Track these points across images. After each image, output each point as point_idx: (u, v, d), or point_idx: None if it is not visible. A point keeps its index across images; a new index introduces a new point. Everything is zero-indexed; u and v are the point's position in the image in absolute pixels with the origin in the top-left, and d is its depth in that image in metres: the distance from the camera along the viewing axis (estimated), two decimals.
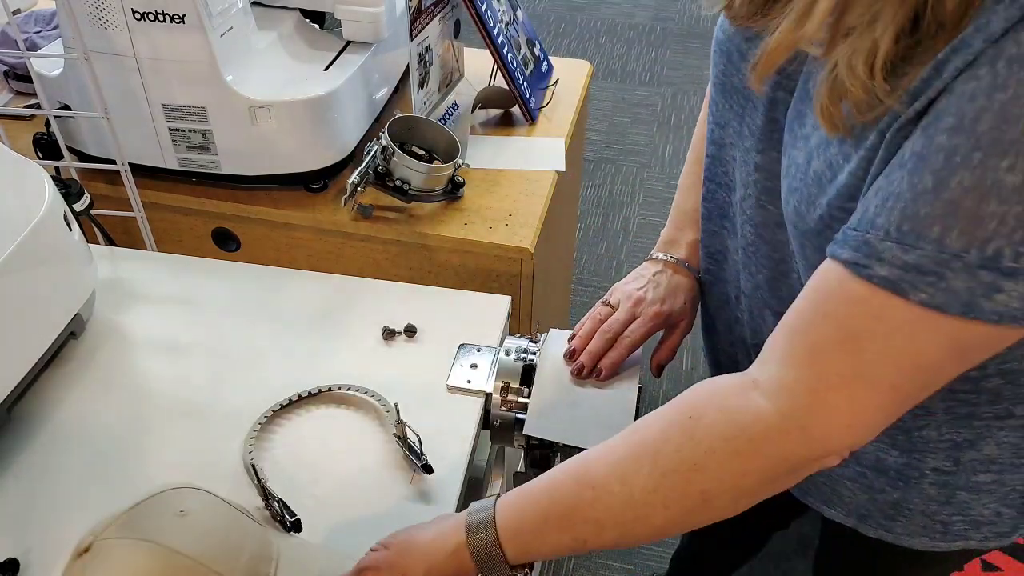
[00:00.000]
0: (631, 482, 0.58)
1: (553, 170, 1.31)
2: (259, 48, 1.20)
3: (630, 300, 0.85)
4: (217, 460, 0.78)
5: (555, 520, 0.61)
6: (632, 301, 0.85)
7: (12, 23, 1.06)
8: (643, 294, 0.85)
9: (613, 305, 0.86)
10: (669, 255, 0.89)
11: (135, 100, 1.15)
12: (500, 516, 0.62)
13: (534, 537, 0.62)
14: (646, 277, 0.87)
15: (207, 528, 0.64)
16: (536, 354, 0.85)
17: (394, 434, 0.79)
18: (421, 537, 0.65)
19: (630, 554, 1.71)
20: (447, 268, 1.23)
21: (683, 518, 0.59)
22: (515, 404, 0.83)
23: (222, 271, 1.01)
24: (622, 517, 0.59)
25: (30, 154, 1.23)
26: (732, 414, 0.57)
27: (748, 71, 0.63)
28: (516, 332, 0.92)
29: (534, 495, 0.63)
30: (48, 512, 0.74)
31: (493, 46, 1.32)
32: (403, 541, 0.66)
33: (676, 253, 0.89)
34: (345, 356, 0.89)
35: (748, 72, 0.63)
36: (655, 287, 0.86)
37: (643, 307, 0.85)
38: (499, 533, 0.62)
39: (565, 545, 0.62)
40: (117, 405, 0.84)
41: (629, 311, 0.85)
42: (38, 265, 0.79)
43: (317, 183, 1.25)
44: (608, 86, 3.13)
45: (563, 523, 0.61)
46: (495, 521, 0.62)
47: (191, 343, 0.91)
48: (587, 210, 2.57)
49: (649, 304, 0.85)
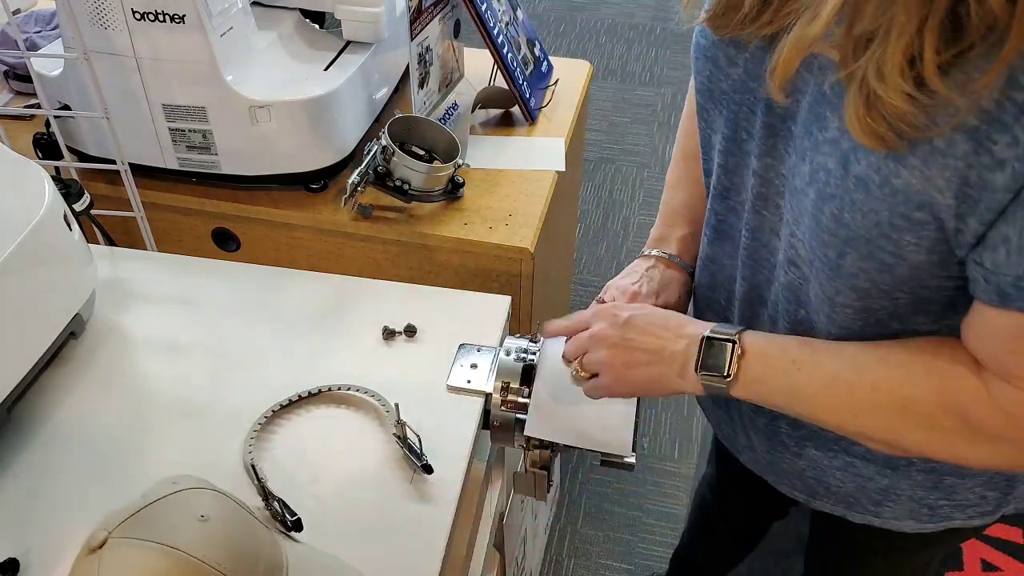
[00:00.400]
0: (858, 353, 0.66)
1: (553, 170, 1.32)
2: (259, 48, 1.20)
3: (625, 295, 0.84)
4: (217, 460, 0.78)
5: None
6: (627, 296, 0.84)
7: (12, 23, 1.06)
8: (638, 288, 0.85)
9: (608, 302, 0.85)
10: (660, 251, 0.89)
11: (135, 100, 1.15)
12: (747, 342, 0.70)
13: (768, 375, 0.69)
14: (639, 273, 0.87)
15: (227, 535, 0.63)
16: (536, 354, 0.85)
17: (394, 434, 0.79)
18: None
19: (630, 554, 1.71)
20: (447, 268, 1.23)
21: (878, 409, 0.65)
22: (515, 404, 0.83)
23: (222, 271, 1.01)
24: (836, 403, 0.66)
25: (30, 154, 1.23)
26: (959, 367, 0.61)
27: (767, 78, 0.63)
28: (516, 332, 0.92)
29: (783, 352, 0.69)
30: (48, 512, 0.74)
31: (493, 46, 1.32)
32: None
33: (667, 249, 0.89)
34: (345, 356, 0.89)
35: (768, 80, 0.63)
36: (648, 281, 0.86)
37: (639, 301, 0.84)
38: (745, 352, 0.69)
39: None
40: (117, 405, 0.84)
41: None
42: (38, 265, 0.79)
43: (317, 183, 1.25)
44: (608, 86, 3.13)
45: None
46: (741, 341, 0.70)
47: (191, 343, 0.91)
48: (587, 210, 2.57)
49: (644, 298, 0.84)
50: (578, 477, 1.85)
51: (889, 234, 0.58)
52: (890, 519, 0.81)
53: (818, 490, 0.84)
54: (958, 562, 1.69)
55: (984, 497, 0.78)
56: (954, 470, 0.75)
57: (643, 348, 0.74)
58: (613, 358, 0.75)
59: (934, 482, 0.77)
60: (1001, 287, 0.54)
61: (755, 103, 0.68)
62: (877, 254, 0.59)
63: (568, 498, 1.81)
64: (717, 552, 1.42)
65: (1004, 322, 0.56)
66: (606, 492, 1.83)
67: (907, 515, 0.80)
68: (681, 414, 1.98)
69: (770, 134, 0.67)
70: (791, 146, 0.66)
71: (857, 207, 0.58)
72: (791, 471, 0.85)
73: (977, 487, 0.77)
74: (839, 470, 0.80)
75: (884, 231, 0.58)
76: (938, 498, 0.78)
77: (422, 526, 0.73)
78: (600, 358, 0.76)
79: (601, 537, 1.74)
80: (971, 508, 0.78)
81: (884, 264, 0.60)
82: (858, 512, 0.83)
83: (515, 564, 1.27)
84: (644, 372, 0.75)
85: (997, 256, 0.53)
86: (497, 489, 0.97)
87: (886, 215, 0.57)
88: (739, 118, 0.70)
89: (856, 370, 0.65)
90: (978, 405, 0.60)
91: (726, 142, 0.73)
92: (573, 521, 1.77)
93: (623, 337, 0.75)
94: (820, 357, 0.67)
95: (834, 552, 1.04)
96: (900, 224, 0.57)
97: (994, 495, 0.78)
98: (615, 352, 0.75)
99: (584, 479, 1.85)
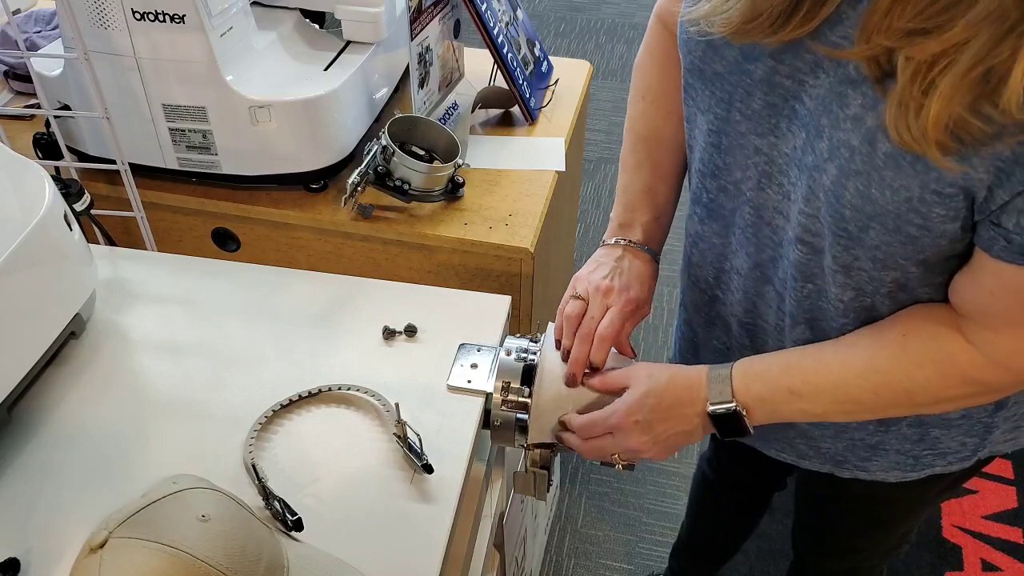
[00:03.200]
0: (848, 368, 0.70)
1: (553, 170, 1.31)
2: (259, 48, 1.20)
3: (599, 292, 0.84)
4: (217, 460, 0.78)
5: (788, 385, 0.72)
6: (601, 292, 0.84)
7: (12, 23, 1.06)
8: (611, 283, 0.84)
9: (582, 296, 0.85)
10: (627, 240, 0.88)
11: (135, 100, 1.15)
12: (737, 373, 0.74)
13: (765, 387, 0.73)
14: (608, 265, 0.86)
15: (228, 536, 0.63)
16: (536, 354, 0.85)
17: (394, 434, 0.79)
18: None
19: (630, 554, 1.71)
20: (447, 268, 1.23)
21: (888, 405, 0.69)
22: (515, 404, 0.83)
23: (222, 271, 1.01)
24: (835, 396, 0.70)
25: (30, 154, 1.23)
26: (942, 342, 0.66)
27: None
28: (516, 332, 0.92)
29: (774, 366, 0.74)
30: (48, 512, 0.74)
31: (493, 46, 1.32)
32: None
33: (633, 236, 0.89)
34: (345, 356, 0.89)
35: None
36: (620, 274, 0.86)
37: (613, 297, 0.84)
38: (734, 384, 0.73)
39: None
40: (117, 405, 0.84)
41: (601, 304, 0.83)
42: (38, 265, 0.79)
43: (317, 183, 1.25)
44: (608, 86, 3.14)
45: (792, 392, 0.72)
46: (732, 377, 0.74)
47: (191, 343, 0.91)
48: (587, 210, 2.57)
49: (619, 293, 0.84)
50: (578, 477, 1.85)
51: (919, 208, 0.59)
52: (877, 472, 0.85)
53: (808, 453, 0.88)
54: (958, 562, 1.68)
55: (964, 444, 0.81)
56: (940, 422, 0.79)
57: (671, 434, 0.77)
58: (654, 452, 0.78)
59: (920, 435, 0.81)
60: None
61: (752, 84, 0.68)
62: (904, 228, 0.61)
63: (568, 498, 1.81)
64: (718, 532, 1.42)
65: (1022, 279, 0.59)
66: (606, 492, 1.83)
67: (893, 466, 0.84)
68: None
69: (772, 113, 0.68)
70: (795, 124, 0.66)
71: (887, 183, 0.60)
72: (781, 438, 0.88)
73: (959, 435, 0.81)
74: (831, 437, 0.84)
75: (914, 206, 0.59)
76: (923, 449, 0.82)
77: (422, 526, 0.73)
78: (642, 453, 0.78)
79: (601, 537, 1.74)
80: (951, 455, 0.82)
81: (909, 236, 0.62)
82: (847, 469, 0.86)
83: (515, 564, 1.27)
84: (684, 441, 0.78)
85: (1022, 219, 0.56)
86: (497, 489, 0.97)
87: (917, 191, 0.59)
88: (733, 98, 0.70)
89: (852, 383, 0.69)
90: (975, 369, 0.64)
91: (718, 121, 0.73)
92: (573, 521, 1.77)
93: (653, 439, 0.77)
94: (813, 379, 0.71)
95: (820, 508, 1.08)
96: (931, 199, 0.58)
97: (972, 441, 0.81)
98: (652, 447, 0.77)
99: (584, 479, 1.85)
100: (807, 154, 0.66)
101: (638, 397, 0.76)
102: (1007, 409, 0.79)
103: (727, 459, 1.25)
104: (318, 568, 0.68)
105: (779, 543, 1.70)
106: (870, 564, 1.11)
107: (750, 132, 0.70)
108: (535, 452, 0.84)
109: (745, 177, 0.74)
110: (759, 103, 0.68)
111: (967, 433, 0.80)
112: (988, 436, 0.81)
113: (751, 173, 0.73)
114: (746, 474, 1.24)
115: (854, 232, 0.64)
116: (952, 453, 0.82)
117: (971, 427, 0.80)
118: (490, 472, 0.91)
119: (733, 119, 0.71)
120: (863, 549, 1.06)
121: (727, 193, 0.77)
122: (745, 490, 1.29)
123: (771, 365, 0.74)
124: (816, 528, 1.11)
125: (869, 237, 0.63)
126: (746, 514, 1.36)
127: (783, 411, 0.73)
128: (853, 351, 0.70)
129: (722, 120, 0.73)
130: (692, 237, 0.85)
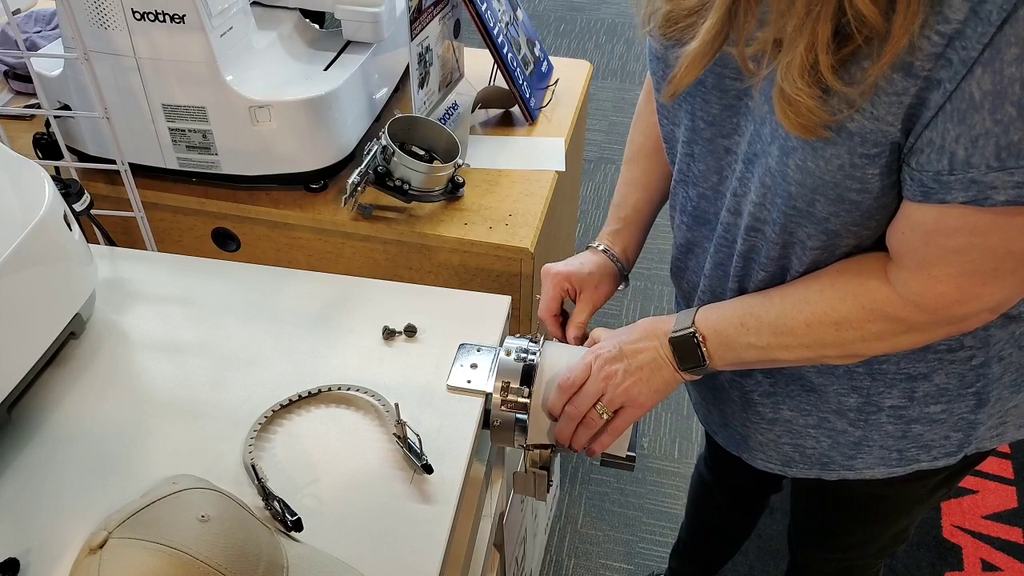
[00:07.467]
0: (786, 300, 0.74)
1: (553, 170, 1.32)
2: (259, 48, 1.20)
3: (546, 275, 0.92)
4: (217, 460, 0.78)
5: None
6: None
7: (12, 23, 1.06)
8: (578, 269, 0.92)
9: (554, 287, 0.92)
10: (611, 251, 0.95)
11: (135, 100, 1.15)
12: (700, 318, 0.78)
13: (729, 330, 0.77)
14: (587, 263, 0.93)
15: (227, 535, 0.63)
16: (536, 354, 0.85)
17: (394, 434, 0.79)
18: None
19: (630, 554, 1.71)
20: (447, 268, 1.23)
21: (820, 338, 0.73)
22: (515, 404, 0.83)
23: (222, 271, 1.01)
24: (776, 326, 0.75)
25: (30, 154, 1.23)
26: (865, 278, 0.70)
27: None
28: (516, 332, 0.92)
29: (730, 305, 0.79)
30: (48, 512, 0.74)
31: (493, 46, 1.32)
32: None
33: (614, 247, 0.95)
34: (345, 356, 0.89)
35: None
36: (591, 271, 0.93)
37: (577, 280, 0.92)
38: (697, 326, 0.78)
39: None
40: (117, 405, 0.84)
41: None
42: (38, 265, 0.79)
43: (317, 183, 1.26)
44: (608, 86, 3.14)
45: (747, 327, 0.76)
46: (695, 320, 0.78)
47: (191, 343, 0.91)
48: (587, 210, 2.57)
49: (583, 280, 0.92)
50: (578, 477, 1.85)
51: (852, 173, 0.63)
52: (863, 469, 0.87)
53: (793, 456, 0.89)
54: (958, 562, 1.69)
55: (948, 438, 0.83)
56: (922, 418, 0.81)
57: (643, 363, 0.79)
58: (630, 382, 0.79)
59: (903, 431, 0.83)
60: (924, 183, 0.61)
61: (707, 92, 0.73)
62: (845, 195, 0.65)
63: (568, 498, 1.81)
64: (717, 533, 1.43)
65: (924, 216, 0.63)
66: (606, 492, 1.83)
67: (878, 463, 0.86)
68: (681, 414, 1.98)
69: (732, 114, 0.73)
70: (748, 119, 0.71)
71: (819, 155, 0.64)
72: (766, 442, 0.90)
73: (942, 430, 0.82)
74: (813, 428, 0.85)
75: (848, 172, 0.64)
76: (907, 444, 0.84)
77: (422, 526, 0.73)
78: (620, 389, 0.79)
79: (601, 537, 1.74)
80: (936, 449, 0.84)
81: (852, 202, 0.65)
82: (833, 470, 0.88)
83: (515, 564, 1.27)
84: (658, 378, 0.79)
85: (921, 157, 0.60)
86: (497, 489, 0.97)
87: (847, 157, 0.63)
88: (695, 108, 0.75)
89: (789, 314, 0.74)
90: (892, 305, 0.68)
91: (689, 132, 0.78)
92: (573, 521, 1.77)
93: (626, 368, 0.79)
94: (759, 312, 0.76)
95: (813, 513, 1.09)
96: (861, 162, 0.63)
97: (957, 436, 0.83)
98: (628, 378, 0.79)
99: (584, 479, 1.85)
100: (756, 142, 0.70)
101: (612, 333, 0.83)
102: (991, 406, 0.81)
103: (723, 460, 1.26)
104: (318, 568, 0.68)
105: (779, 543, 1.70)
106: (863, 563, 1.11)
107: (716, 136, 0.75)
108: (535, 452, 0.85)
109: (718, 183, 0.78)
110: (716, 107, 0.73)
111: (952, 428, 0.82)
112: (973, 432, 0.82)
113: (727, 174, 0.77)
114: (741, 475, 1.25)
115: (803, 207, 0.68)
116: (937, 447, 0.83)
117: (955, 423, 0.81)
118: (490, 472, 0.91)
119: (698, 127, 0.76)
120: (855, 547, 1.06)
121: (708, 199, 0.81)
122: (742, 491, 1.30)
123: (731, 302, 0.79)
124: (808, 527, 1.12)
125: (817, 210, 0.67)
126: (744, 515, 1.37)
127: (735, 343, 0.76)
128: (793, 286, 0.75)
129: (690, 130, 0.77)
130: (681, 246, 0.89)
